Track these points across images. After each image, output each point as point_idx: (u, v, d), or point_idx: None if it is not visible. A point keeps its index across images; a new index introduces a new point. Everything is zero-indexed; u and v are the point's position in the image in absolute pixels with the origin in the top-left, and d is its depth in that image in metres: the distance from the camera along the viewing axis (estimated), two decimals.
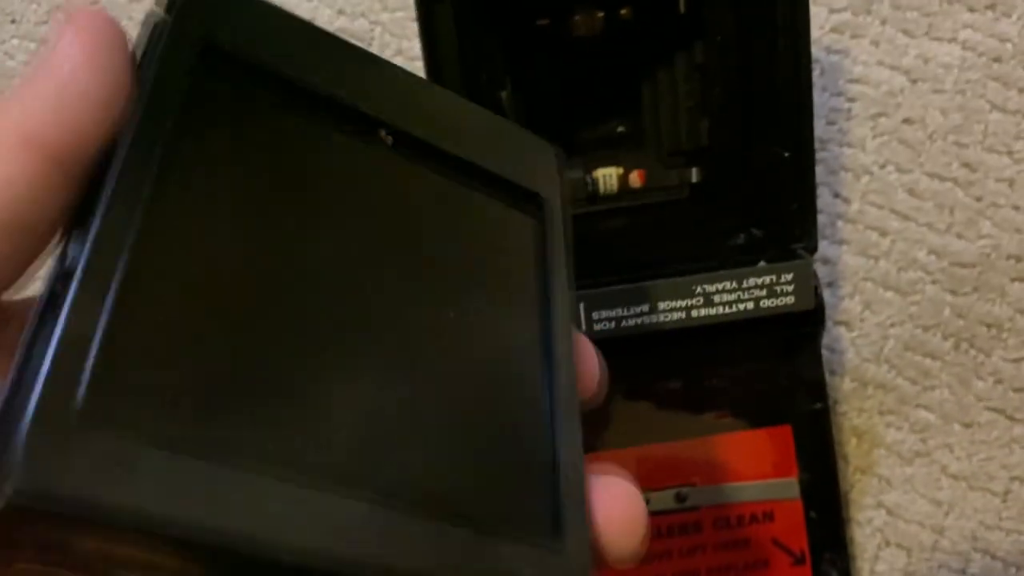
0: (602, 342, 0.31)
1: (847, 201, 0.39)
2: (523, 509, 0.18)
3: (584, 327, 0.32)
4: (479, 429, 0.18)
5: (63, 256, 0.15)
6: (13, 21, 0.44)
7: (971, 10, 0.40)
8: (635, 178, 0.35)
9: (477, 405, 0.19)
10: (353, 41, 0.21)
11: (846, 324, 0.38)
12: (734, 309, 0.32)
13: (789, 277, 0.31)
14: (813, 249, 0.32)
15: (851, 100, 0.40)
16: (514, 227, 0.22)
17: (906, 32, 0.40)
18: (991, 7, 0.40)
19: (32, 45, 0.44)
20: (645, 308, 0.32)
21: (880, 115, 0.39)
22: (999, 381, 0.38)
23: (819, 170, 0.34)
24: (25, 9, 0.44)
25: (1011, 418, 0.38)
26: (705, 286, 0.31)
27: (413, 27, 0.41)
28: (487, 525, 0.17)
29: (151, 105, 0.17)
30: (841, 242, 0.39)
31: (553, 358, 0.20)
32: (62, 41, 0.16)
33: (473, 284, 0.20)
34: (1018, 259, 0.38)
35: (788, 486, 0.34)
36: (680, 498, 0.34)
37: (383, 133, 0.20)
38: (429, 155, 0.21)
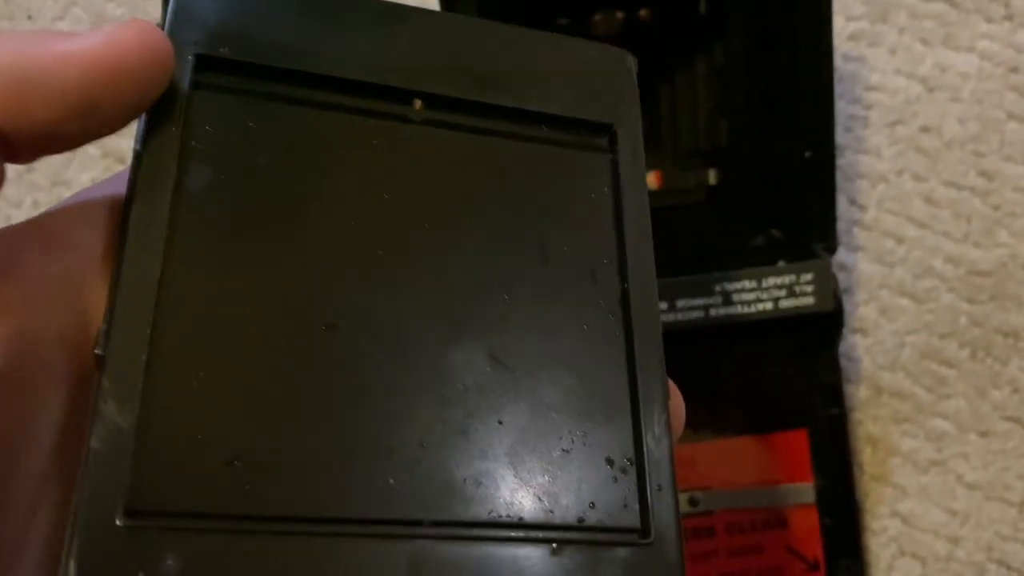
0: None
1: (863, 208, 0.39)
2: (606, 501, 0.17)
3: None
4: (562, 423, 0.17)
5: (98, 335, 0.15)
6: (29, 17, 0.44)
7: (988, 20, 0.40)
8: (651, 180, 0.35)
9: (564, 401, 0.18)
10: None
11: (861, 331, 0.38)
12: (753, 308, 0.31)
13: (809, 277, 0.31)
14: (833, 249, 0.32)
15: (868, 108, 0.40)
16: (584, 171, 0.20)
17: (923, 41, 0.40)
18: (1008, 18, 0.40)
19: None
20: (663, 306, 0.31)
21: (897, 123, 0.39)
22: (1016, 390, 0.38)
23: (835, 176, 0.34)
24: (42, 5, 0.44)
25: None
26: (724, 284, 0.31)
27: None
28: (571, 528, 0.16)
29: (152, 142, 0.16)
30: (857, 249, 0.39)
31: (632, 313, 0.19)
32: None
33: (536, 265, 0.19)
34: None
35: (803, 491, 0.34)
36: (693, 502, 0.34)
37: (417, 104, 0.19)
38: (475, 113, 0.19)
